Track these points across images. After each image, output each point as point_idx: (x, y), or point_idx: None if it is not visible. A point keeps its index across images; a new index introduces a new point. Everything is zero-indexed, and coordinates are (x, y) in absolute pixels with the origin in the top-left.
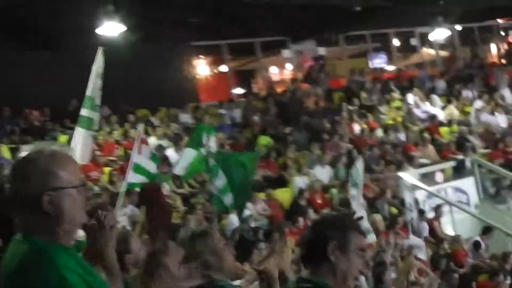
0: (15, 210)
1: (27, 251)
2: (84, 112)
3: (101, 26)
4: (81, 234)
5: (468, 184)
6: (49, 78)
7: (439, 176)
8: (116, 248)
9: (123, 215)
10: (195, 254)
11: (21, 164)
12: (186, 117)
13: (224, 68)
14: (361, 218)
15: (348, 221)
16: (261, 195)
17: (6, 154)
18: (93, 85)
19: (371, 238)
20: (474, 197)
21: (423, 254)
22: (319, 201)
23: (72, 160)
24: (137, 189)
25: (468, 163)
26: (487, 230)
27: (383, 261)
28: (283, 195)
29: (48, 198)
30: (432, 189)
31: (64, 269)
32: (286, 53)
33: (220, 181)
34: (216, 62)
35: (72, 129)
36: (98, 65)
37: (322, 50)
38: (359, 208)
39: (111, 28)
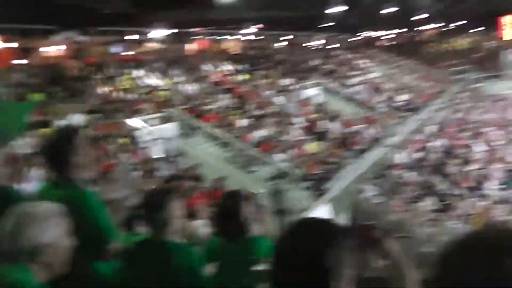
0: None
1: None
2: None
3: None
4: None
5: (172, 126)
6: None
7: (155, 122)
8: None
9: None
10: None
11: None
12: None
13: (11, 45)
14: None
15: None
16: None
17: None
18: None
19: None
20: (175, 134)
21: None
22: None
23: None
24: None
25: (173, 114)
26: (180, 154)
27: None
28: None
29: None
30: (151, 129)
31: None
32: (56, 38)
33: None
34: (5, 41)
35: None
36: None
37: (82, 38)
38: None
39: None
